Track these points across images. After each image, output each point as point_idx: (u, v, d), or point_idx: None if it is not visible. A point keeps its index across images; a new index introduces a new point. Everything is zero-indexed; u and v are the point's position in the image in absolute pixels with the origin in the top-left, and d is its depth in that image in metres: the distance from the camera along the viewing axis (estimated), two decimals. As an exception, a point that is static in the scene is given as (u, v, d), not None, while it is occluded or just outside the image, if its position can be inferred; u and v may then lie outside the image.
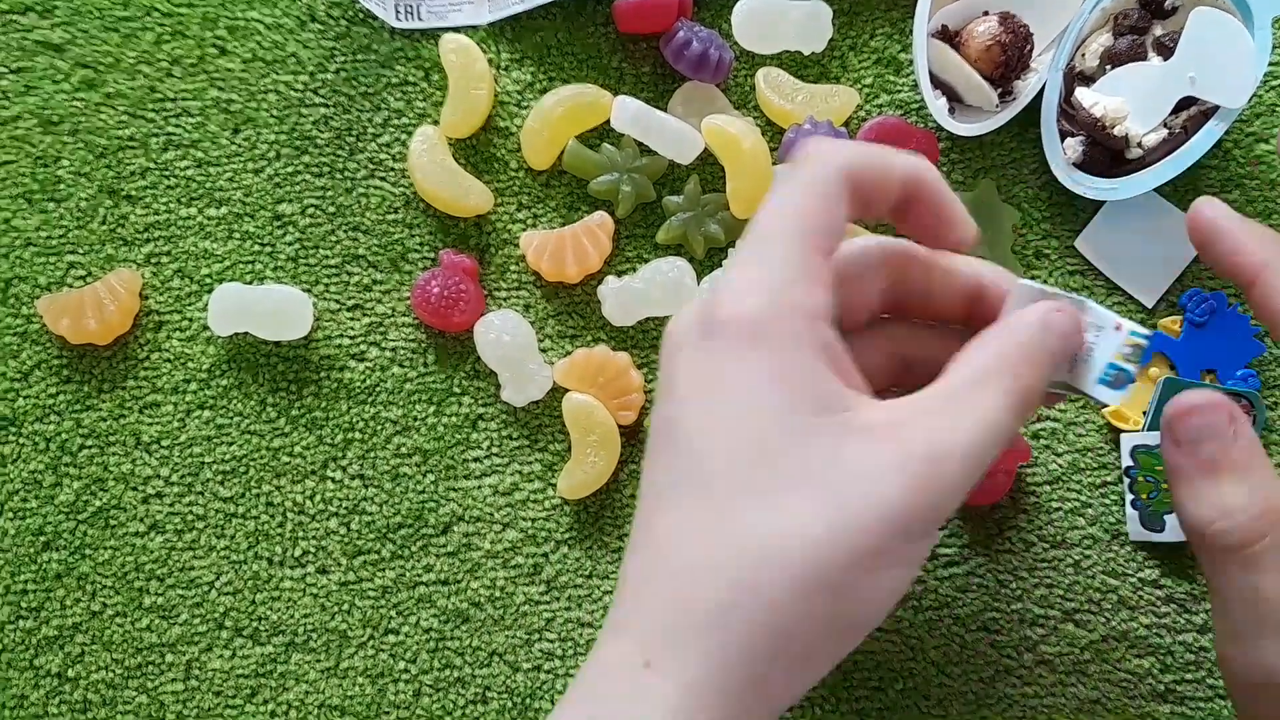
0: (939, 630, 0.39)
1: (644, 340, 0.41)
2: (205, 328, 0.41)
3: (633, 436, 0.40)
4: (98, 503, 0.40)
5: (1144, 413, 0.40)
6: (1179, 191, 0.42)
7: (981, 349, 0.27)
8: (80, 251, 0.41)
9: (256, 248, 0.41)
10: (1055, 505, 0.40)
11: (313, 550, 0.40)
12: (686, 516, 0.25)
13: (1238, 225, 0.30)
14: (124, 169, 0.42)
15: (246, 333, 0.40)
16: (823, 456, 0.25)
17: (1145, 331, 0.28)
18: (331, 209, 0.42)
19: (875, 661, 0.39)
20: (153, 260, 0.41)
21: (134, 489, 0.40)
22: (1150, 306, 0.41)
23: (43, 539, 0.40)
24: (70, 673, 0.39)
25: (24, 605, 0.39)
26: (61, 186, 0.42)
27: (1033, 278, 0.42)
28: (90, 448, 0.40)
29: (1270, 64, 0.42)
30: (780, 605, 0.24)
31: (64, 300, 0.40)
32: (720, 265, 0.41)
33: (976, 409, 0.26)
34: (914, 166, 0.29)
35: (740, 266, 0.27)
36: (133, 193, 0.42)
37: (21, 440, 0.40)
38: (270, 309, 0.40)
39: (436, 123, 0.42)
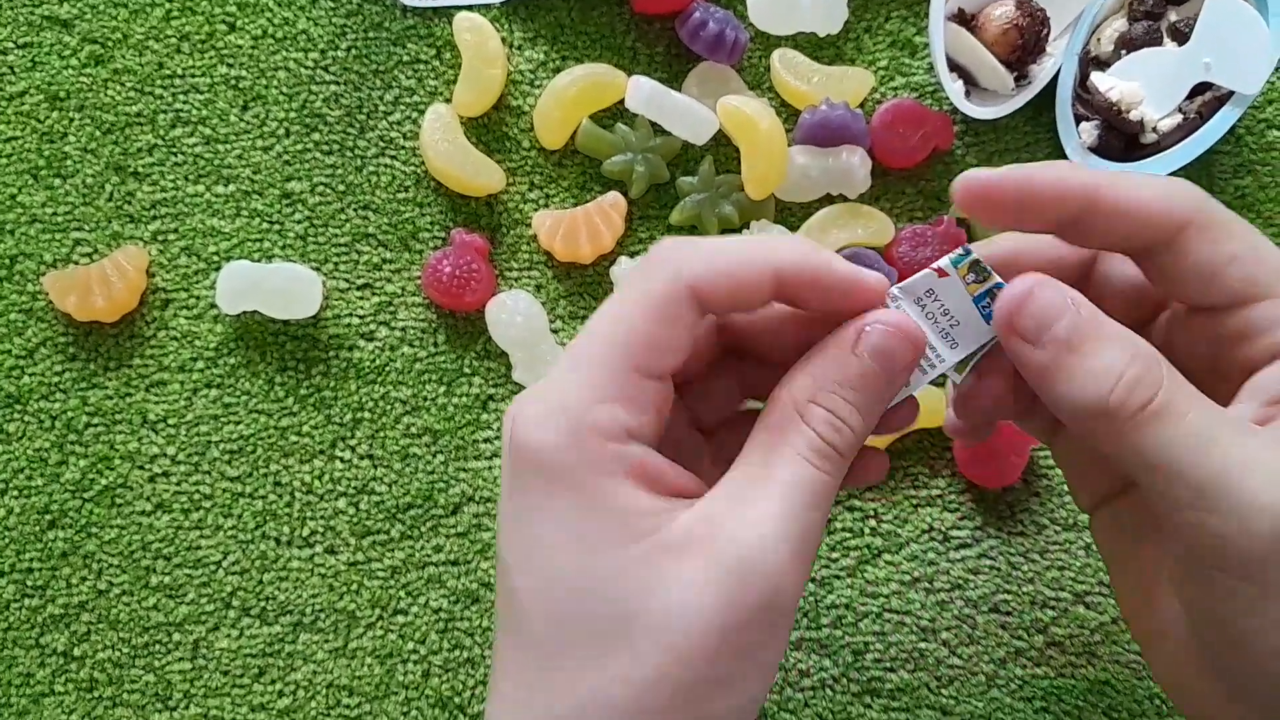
0: (950, 611, 0.39)
1: (656, 322, 0.41)
2: (213, 306, 0.40)
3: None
4: (103, 481, 0.40)
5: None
6: (1193, 176, 0.42)
7: (772, 401, 0.25)
8: (87, 228, 0.41)
9: (265, 225, 0.41)
10: (1067, 488, 0.40)
11: (321, 530, 0.40)
12: (513, 686, 0.24)
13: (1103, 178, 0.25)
14: (131, 145, 0.41)
15: (255, 311, 0.40)
16: (637, 591, 0.23)
17: (959, 252, 0.25)
18: (341, 187, 0.41)
19: (886, 643, 0.39)
20: (160, 237, 0.41)
21: (140, 468, 0.40)
22: (1163, 291, 0.41)
23: (48, 517, 0.39)
24: (76, 651, 0.39)
25: (29, 584, 0.39)
26: (68, 163, 0.41)
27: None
28: (96, 426, 0.40)
29: (1284, 50, 0.42)
30: None
31: (70, 277, 0.40)
32: (733, 247, 0.41)
33: (776, 482, 0.23)
34: (779, 260, 0.24)
35: (544, 387, 0.24)
36: (140, 169, 0.41)
37: (26, 418, 0.40)
38: (279, 287, 0.40)
39: (448, 101, 0.41)
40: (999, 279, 0.25)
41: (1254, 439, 0.23)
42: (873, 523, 0.40)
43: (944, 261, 0.25)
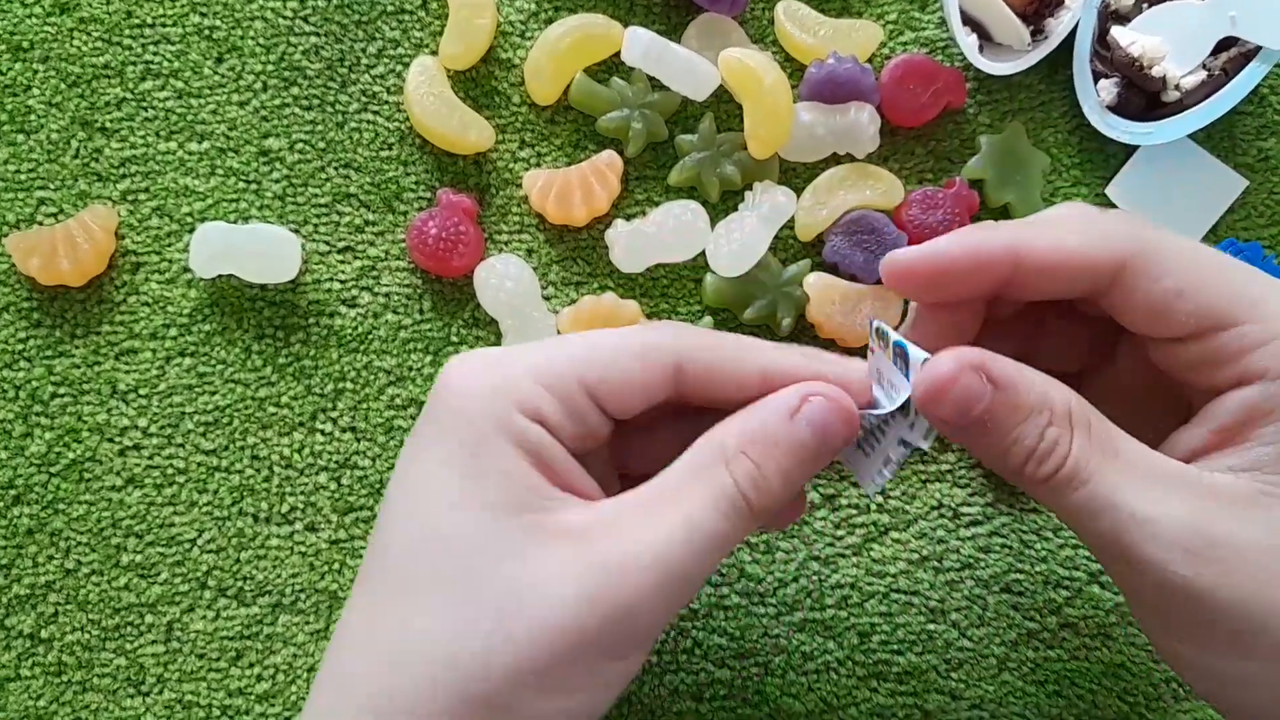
0: (960, 591, 0.37)
1: (654, 288, 0.39)
2: (186, 269, 0.38)
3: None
4: (71, 455, 0.38)
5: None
6: (1215, 137, 0.40)
7: (703, 440, 0.25)
8: (51, 187, 0.39)
9: (241, 185, 0.39)
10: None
11: (301, 506, 0.38)
12: (358, 615, 0.24)
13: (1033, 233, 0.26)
14: (99, 99, 0.39)
15: (230, 275, 0.38)
16: (500, 559, 0.23)
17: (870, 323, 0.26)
18: (321, 144, 0.39)
19: (894, 624, 0.37)
20: (129, 197, 0.39)
21: (110, 440, 0.38)
22: (1183, 258, 0.40)
23: (12, 493, 0.37)
24: (44, 634, 0.37)
25: (-8, 562, 0.37)
26: (32, 117, 0.39)
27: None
28: (63, 396, 0.38)
29: (1314, 4, 0.40)
30: (421, 718, 0.22)
31: (34, 238, 0.37)
32: (735, 209, 0.39)
33: (678, 512, 0.23)
34: (771, 365, 0.26)
35: (496, 349, 0.26)
36: (108, 125, 0.39)
37: (-11, 387, 0.38)
38: (256, 250, 0.38)
39: (434, 53, 0.39)
40: (897, 336, 0.25)
41: (1152, 492, 0.23)
42: (879, 498, 0.38)
43: (872, 336, 0.26)
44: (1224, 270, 0.25)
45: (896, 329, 0.28)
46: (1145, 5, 0.39)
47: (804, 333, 0.39)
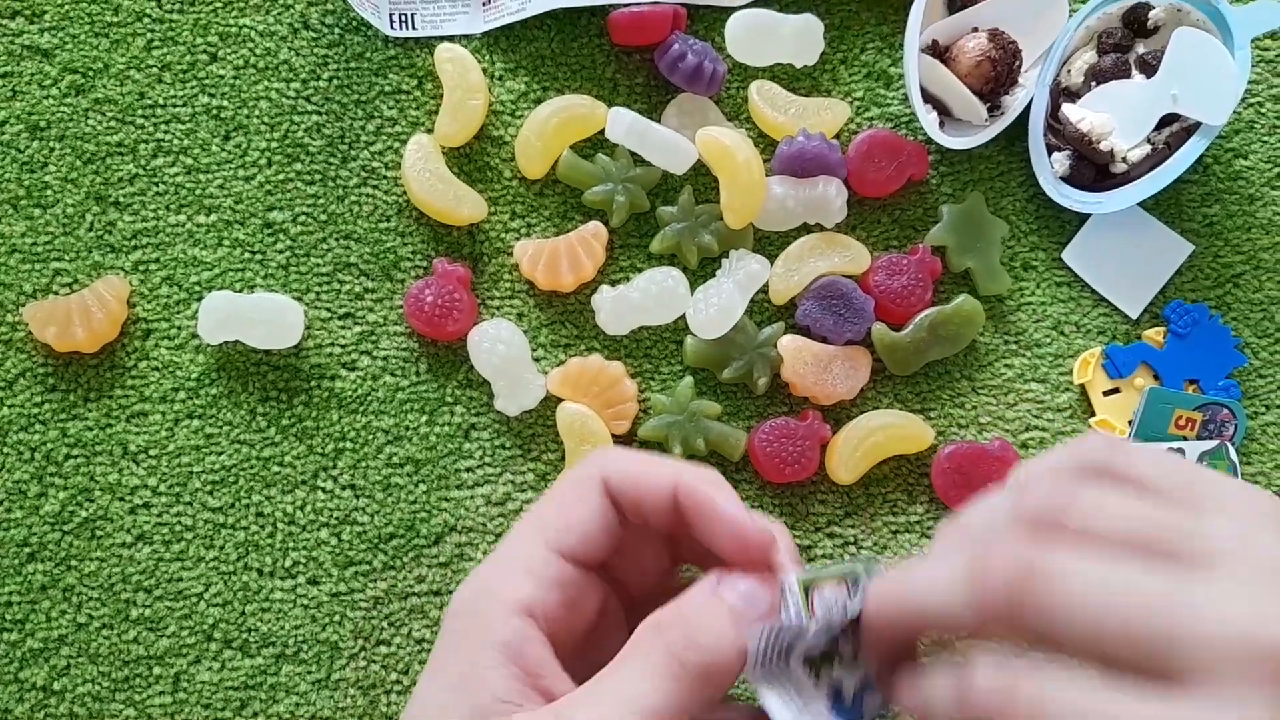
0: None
1: (638, 350, 0.41)
2: (194, 336, 0.40)
3: (627, 446, 0.40)
4: (84, 513, 0.39)
5: (1129, 421, 0.41)
6: (1162, 205, 0.43)
7: (640, 625, 0.25)
8: (67, 258, 0.41)
9: (247, 255, 0.41)
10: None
11: (303, 561, 0.40)
12: None
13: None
14: (112, 175, 0.41)
15: (236, 341, 0.40)
16: None
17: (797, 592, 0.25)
18: (323, 217, 0.41)
19: (867, 669, 0.39)
20: (141, 267, 0.41)
21: (121, 499, 0.40)
22: (1135, 317, 0.42)
23: (27, 550, 0.39)
24: (56, 686, 0.38)
25: (8, 618, 0.39)
26: (48, 192, 0.41)
27: (1020, 290, 0.42)
28: (76, 457, 0.40)
29: (1250, 82, 0.43)
30: None
31: (50, 308, 0.39)
32: (713, 275, 0.41)
33: (617, 692, 0.24)
34: (680, 477, 0.26)
35: (488, 556, 0.27)
36: (121, 199, 0.41)
37: (6, 450, 0.40)
38: (261, 317, 0.40)
39: (430, 131, 0.42)
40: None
41: None
42: (852, 549, 0.40)
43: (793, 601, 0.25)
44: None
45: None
46: (1094, 83, 0.42)
47: (779, 391, 0.41)
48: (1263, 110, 0.43)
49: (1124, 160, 0.41)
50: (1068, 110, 0.41)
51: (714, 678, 0.24)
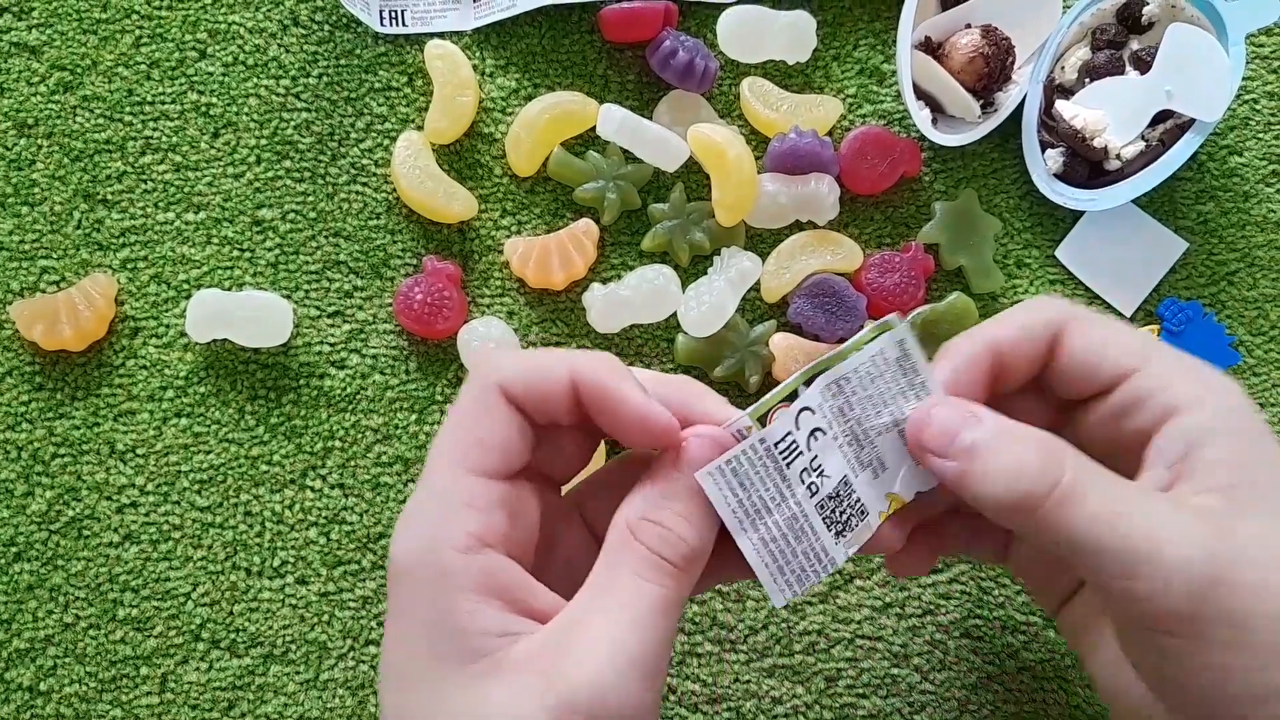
0: (922, 637, 0.39)
1: (629, 348, 0.41)
2: (183, 334, 0.40)
3: (617, 445, 0.40)
4: (71, 512, 0.39)
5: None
6: (1156, 203, 0.42)
7: (610, 529, 0.26)
8: (54, 256, 0.41)
9: (236, 253, 0.41)
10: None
11: (292, 560, 0.39)
12: None
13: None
14: (100, 172, 0.41)
15: (225, 339, 0.40)
16: (460, 710, 0.23)
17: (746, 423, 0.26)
18: (312, 214, 0.41)
19: (859, 669, 0.39)
20: (129, 265, 0.41)
21: (108, 498, 0.39)
22: (1129, 315, 0.42)
23: (14, 550, 0.39)
24: (42, 686, 0.38)
25: (-7, 617, 0.39)
26: (36, 190, 0.41)
27: (1014, 287, 0.42)
28: (63, 456, 0.40)
29: (1244, 78, 0.43)
30: None
31: (37, 306, 0.39)
32: (705, 273, 0.41)
33: (613, 604, 0.24)
34: (576, 367, 0.26)
35: (411, 501, 0.26)
36: (109, 197, 0.41)
37: (-8, 448, 0.39)
38: (249, 315, 0.39)
39: (420, 128, 0.41)
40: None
41: (1159, 504, 0.25)
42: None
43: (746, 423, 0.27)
44: (1127, 335, 0.28)
45: None
46: (1087, 80, 0.41)
47: (771, 388, 0.41)
48: (1257, 107, 0.43)
49: (1118, 157, 0.41)
50: (1061, 107, 0.41)
51: (700, 558, 0.25)
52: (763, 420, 0.26)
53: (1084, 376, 0.28)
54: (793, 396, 0.26)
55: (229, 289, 0.40)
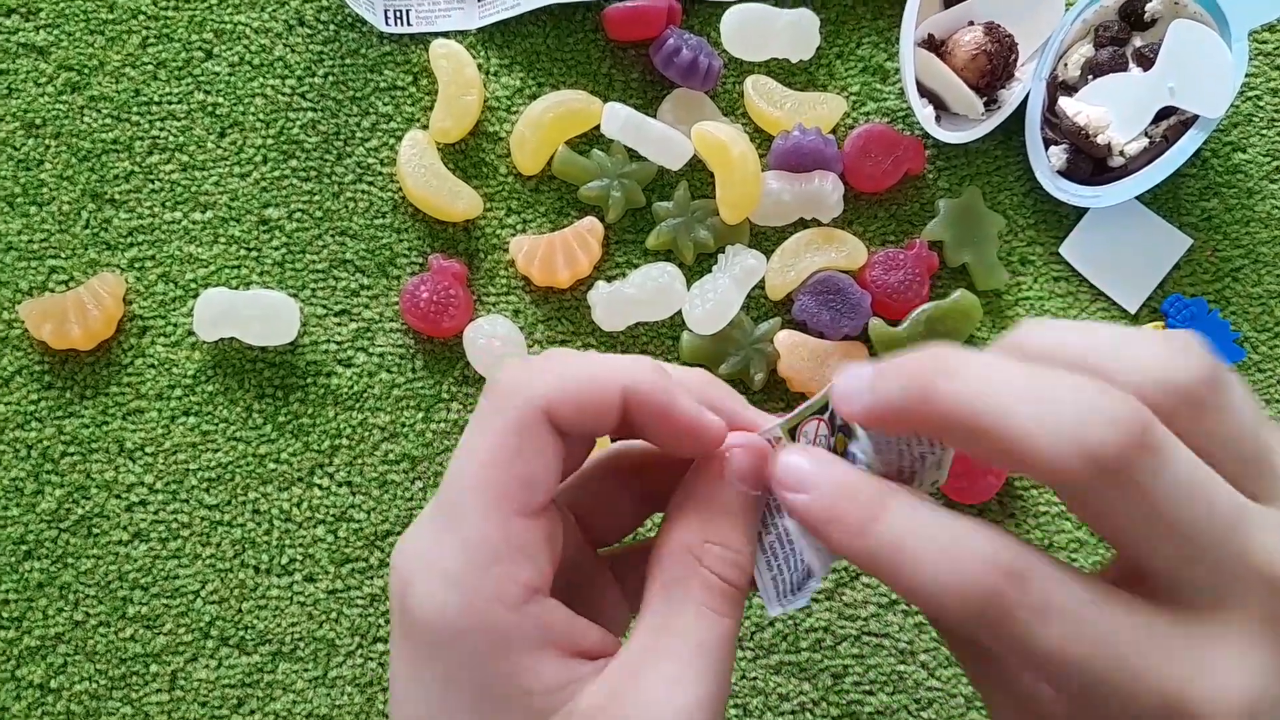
0: (928, 633, 0.39)
1: (634, 345, 0.41)
2: (190, 333, 0.40)
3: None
4: (80, 511, 0.39)
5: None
6: (1160, 199, 0.42)
7: (663, 557, 0.23)
8: (63, 256, 0.41)
9: (243, 252, 0.41)
10: (1042, 509, 0.40)
11: (300, 558, 0.40)
12: None
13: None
14: (108, 172, 0.41)
15: (232, 338, 0.40)
16: None
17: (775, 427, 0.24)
18: (319, 213, 0.41)
19: (866, 665, 0.39)
20: (137, 265, 0.41)
21: (117, 496, 0.40)
22: (1133, 312, 0.42)
23: (24, 548, 0.39)
24: (53, 684, 0.38)
25: (5, 615, 0.39)
26: (44, 190, 0.41)
27: (1018, 284, 0.42)
28: (72, 455, 0.40)
29: (1247, 75, 0.43)
30: None
31: (46, 305, 0.39)
32: (709, 270, 0.41)
33: (685, 643, 0.22)
34: (628, 381, 0.23)
35: (430, 541, 0.22)
36: (117, 196, 0.41)
37: (2, 447, 0.40)
38: (257, 314, 0.40)
39: (425, 127, 0.41)
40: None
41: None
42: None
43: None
44: None
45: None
46: (1090, 77, 0.41)
47: (776, 386, 0.41)
48: (1261, 103, 0.43)
49: (1121, 154, 0.41)
50: (1065, 104, 0.41)
51: (750, 579, 0.23)
52: (793, 433, 0.25)
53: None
54: (823, 410, 0.24)
55: (236, 288, 0.41)
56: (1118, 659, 0.19)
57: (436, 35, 0.42)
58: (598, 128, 0.41)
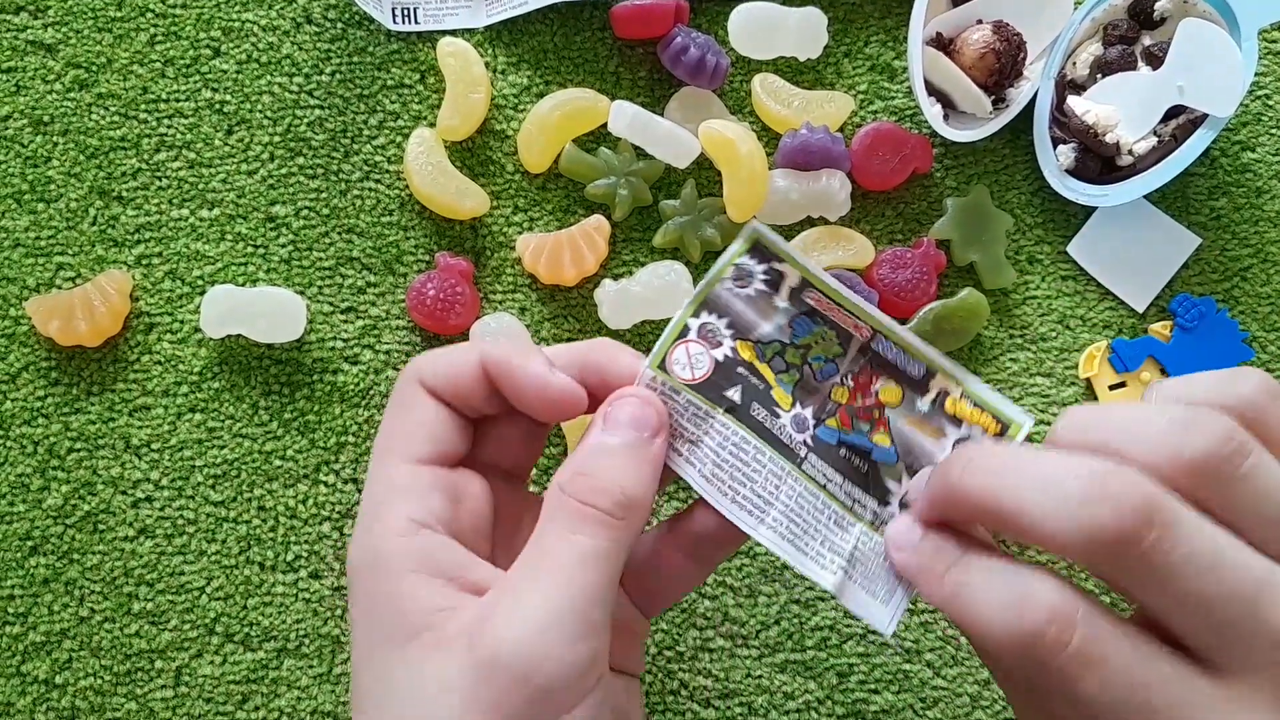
0: (934, 632, 0.39)
1: (640, 344, 0.41)
2: (197, 330, 0.40)
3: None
4: (86, 507, 0.39)
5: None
6: (1168, 198, 0.42)
7: (549, 489, 0.26)
8: (70, 253, 0.41)
9: (249, 249, 0.41)
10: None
11: (305, 555, 0.40)
12: None
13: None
14: (115, 169, 0.41)
15: (239, 335, 0.40)
16: (401, 690, 0.23)
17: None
18: (326, 211, 0.41)
19: (871, 664, 0.39)
20: (144, 262, 0.41)
21: (123, 493, 0.40)
22: (1141, 311, 0.42)
23: (30, 543, 0.39)
24: (58, 679, 0.38)
25: (10, 611, 0.39)
26: (52, 187, 0.41)
27: (1025, 283, 0.42)
28: (79, 451, 0.40)
29: (1257, 74, 0.43)
30: None
31: (53, 302, 0.40)
32: (716, 269, 0.41)
33: (544, 560, 0.24)
34: (484, 351, 0.27)
35: (361, 499, 0.27)
36: (124, 193, 0.41)
37: (9, 443, 0.40)
38: (263, 311, 0.40)
39: (432, 125, 0.41)
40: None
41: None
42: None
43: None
44: None
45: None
46: (1099, 75, 0.41)
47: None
48: (1270, 102, 0.43)
49: (1130, 153, 0.41)
50: (1073, 103, 0.41)
51: (637, 507, 0.25)
52: (663, 365, 0.27)
53: None
54: (683, 333, 0.27)
55: (243, 285, 0.41)
56: (1149, 711, 0.20)
57: (444, 33, 0.42)
58: (605, 126, 0.41)
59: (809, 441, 0.27)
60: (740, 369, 0.27)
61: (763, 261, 0.28)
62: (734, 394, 0.27)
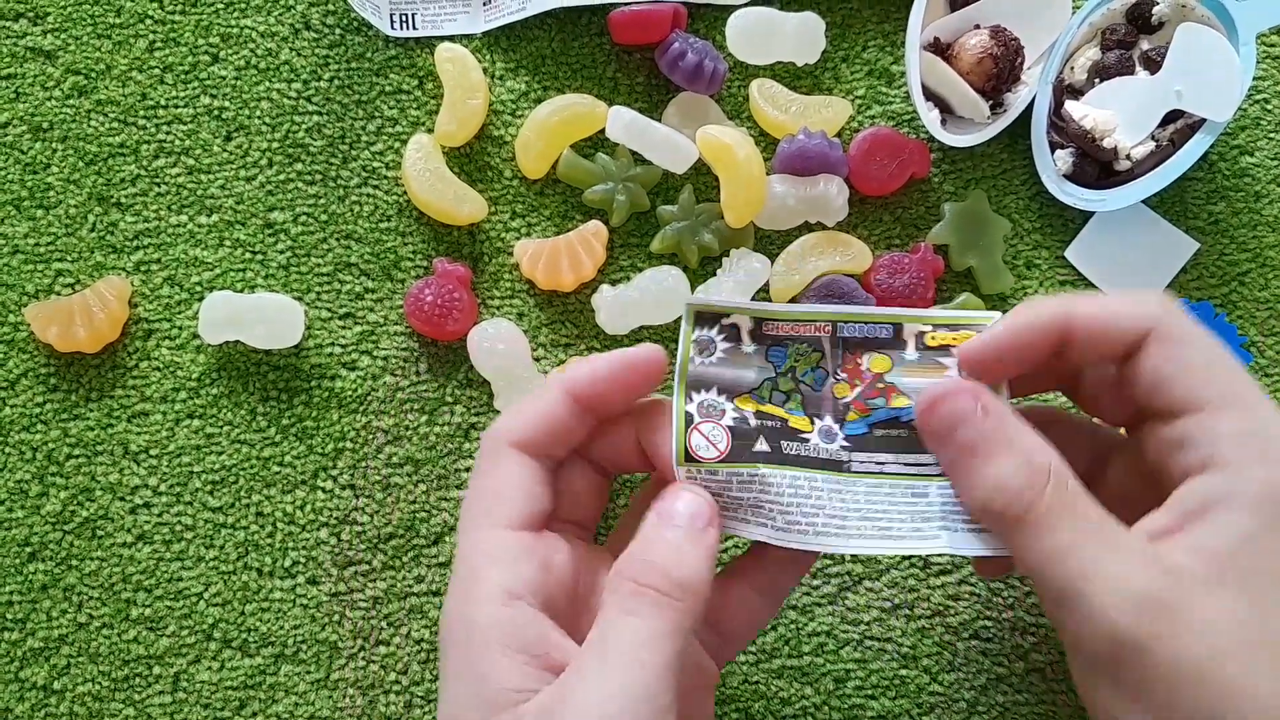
0: (931, 638, 0.39)
1: (638, 349, 0.41)
2: (195, 336, 0.41)
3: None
4: (85, 513, 0.40)
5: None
6: (1166, 203, 0.42)
7: (609, 577, 0.27)
8: (69, 259, 0.41)
9: (248, 255, 0.41)
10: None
11: (303, 561, 0.40)
12: None
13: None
14: (114, 176, 0.41)
15: (237, 341, 0.40)
16: None
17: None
18: (324, 217, 0.41)
19: (868, 670, 0.39)
20: (142, 268, 0.41)
21: (122, 499, 0.40)
22: (1139, 317, 0.42)
23: (28, 550, 0.39)
24: (56, 685, 0.38)
25: (9, 617, 0.39)
26: (51, 193, 0.41)
27: (1023, 288, 0.42)
28: (77, 457, 0.40)
29: (1255, 78, 0.43)
30: None
31: (52, 308, 0.40)
32: (714, 274, 0.41)
33: (609, 655, 0.25)
34: (561, 385, 0.29)
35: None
36: (123, 200, 0.41)
37: (7, 449, 0.40)
38: (261, 317, 0.40)
39: (430, 131, 0.42)
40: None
41: (1118, 549, 0.25)
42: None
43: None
44: (1230, 365, 0.26)
45: None
46: (1097, 80, 0.41)
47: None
48: (1269, 107, 0.43)
49: (1128, 157, 0.41)
50: (1071, 107, 0.41)
51: (693, 586, 0.26)
52: (689, 457, 0.28)
53: (1149, 395, 0.27)
54: (690, 421, 0.29)
55: (241, 291, 0.41)
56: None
57: (442, 39, 0.42)
58: (602, 131, 0.41)
59: (845, 444, 0.29)
60: (752, 421, 0.29)
61: (712, 326, 0.29)
62: (761, 445, 0.28)
